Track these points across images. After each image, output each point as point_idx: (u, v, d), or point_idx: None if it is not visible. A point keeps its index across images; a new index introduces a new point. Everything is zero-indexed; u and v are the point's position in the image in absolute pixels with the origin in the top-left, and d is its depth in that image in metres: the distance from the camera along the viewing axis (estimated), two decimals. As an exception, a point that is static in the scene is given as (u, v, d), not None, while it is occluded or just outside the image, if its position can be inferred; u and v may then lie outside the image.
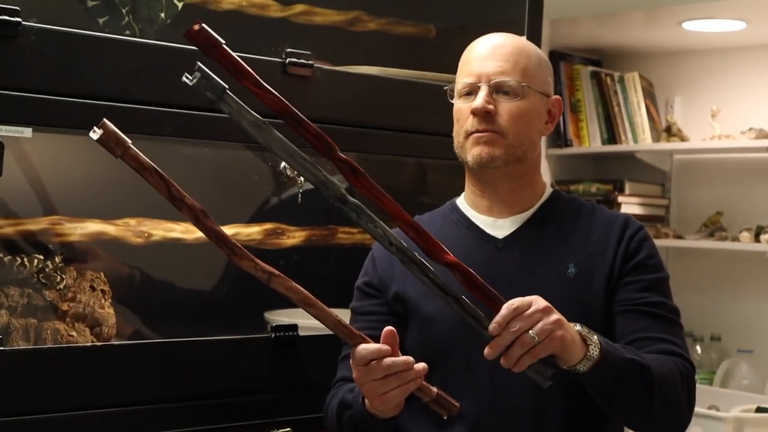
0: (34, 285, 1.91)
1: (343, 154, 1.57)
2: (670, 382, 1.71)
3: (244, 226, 2.26)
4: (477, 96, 1.80)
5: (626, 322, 1.78)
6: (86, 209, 2.03)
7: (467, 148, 1.82)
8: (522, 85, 1.80)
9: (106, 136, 1.45)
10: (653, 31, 4.08)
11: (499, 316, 1.58)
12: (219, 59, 1.48)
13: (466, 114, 1.81)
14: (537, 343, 1.57)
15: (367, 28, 2.54)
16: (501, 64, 1.81)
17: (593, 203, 1.92)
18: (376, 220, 1.58)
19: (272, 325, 2.08)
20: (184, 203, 1.50)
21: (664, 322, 1.79)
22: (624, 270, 1.81)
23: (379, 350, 1.59)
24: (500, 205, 1.87)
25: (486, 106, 1.79)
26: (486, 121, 1.79)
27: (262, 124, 1.51)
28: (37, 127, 1.80)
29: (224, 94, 1.48)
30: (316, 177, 1.55)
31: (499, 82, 1.80)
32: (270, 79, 2.03)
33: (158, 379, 1.92)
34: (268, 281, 1.56)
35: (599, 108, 4.30)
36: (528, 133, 1.82)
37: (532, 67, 1.83)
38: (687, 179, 4.32)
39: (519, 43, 1.86)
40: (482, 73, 1.81)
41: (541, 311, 1.59)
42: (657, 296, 1.81)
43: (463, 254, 1.82)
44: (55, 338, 1.88)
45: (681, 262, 4.27)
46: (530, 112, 1.82)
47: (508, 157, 1.80)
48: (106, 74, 1.86)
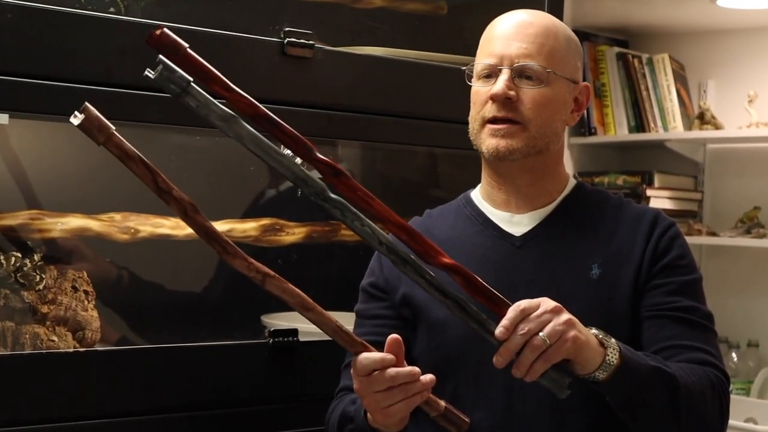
0: (12, 285, 1.91)
1: (322, 156, 1.56)
2: (699, 392, 1.70)
3: (239, 222, 2.26)
4: (497, 80, 1.79)
5: (654, 328, 1.78)
6: (68, 203, 2.04)
7: (483, 137, 1.81)
8: (547, 70, 1.78)
9: (87, 121, 1.46)
10: (685, 9, 4.07)
11: (506, 319, 1.57)
12: (184, 63, 1.49)
13: (484, 98, 1.80)
14: (549, 346, 1.56)
15: (373, 4, 2.54)
16: (526, 46, 1.79)
17: (620, 197, 1.91)
18: (362, 218, 1.57)
19: (270, 329, 2.08)
20: (172, 196, 1.50)
21: (696, 328, 1.78)
22: (652, 272, 1.80)
23: (382, 360, 1.59)
24: (518, 199, 1.86)
25: (507, 92, 1.78)
26: (506, 108, 1.78)
27: (230, 117, 1.52)
28: (14, 113, 1.80)
29: (189, 86, 1.49)
30: (293, 173, 1.55)
31: (523, 66, 1.79)
32: (267, 61, 2.06)
33: (146, 388, 1.92)
34: (263, 282, 1.56)
35: (626, 93, 4.29)
36: (551, 123, 1.81)
37: (560, 50, 1.81)
38: (721, 171, 4.31)
39: (547, 22, 1.84)
40: (505, 54, 1.80)
41: (550, 312, 1.58)
42: (688, 300, 1.80)
43: (477, 253, 1.83)
44: (35, 343, 1.88)
45: (715, 261, 4.26)
46: (555, 100, 1.81)
47: (529, 149, 1.79)
48: (88, 55, 1.86)
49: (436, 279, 1.61)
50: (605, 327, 1.67)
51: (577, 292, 1.76)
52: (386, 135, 2.29)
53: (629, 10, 4.18)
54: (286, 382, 2.08)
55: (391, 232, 1.62)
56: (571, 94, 1.84)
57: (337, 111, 2.17)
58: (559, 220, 1.85)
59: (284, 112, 2.00)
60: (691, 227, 4.13)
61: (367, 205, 1.59)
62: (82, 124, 1.46)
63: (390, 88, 2.27)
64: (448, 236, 1.87)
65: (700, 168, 4.33)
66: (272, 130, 1.54)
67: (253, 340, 2.10)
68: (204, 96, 1.50)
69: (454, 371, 1.79)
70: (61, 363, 1.84)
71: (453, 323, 1.76)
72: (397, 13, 2.59)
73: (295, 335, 2.08)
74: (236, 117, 1.52)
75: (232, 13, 2.27)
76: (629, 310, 1.78)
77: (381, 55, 2.30)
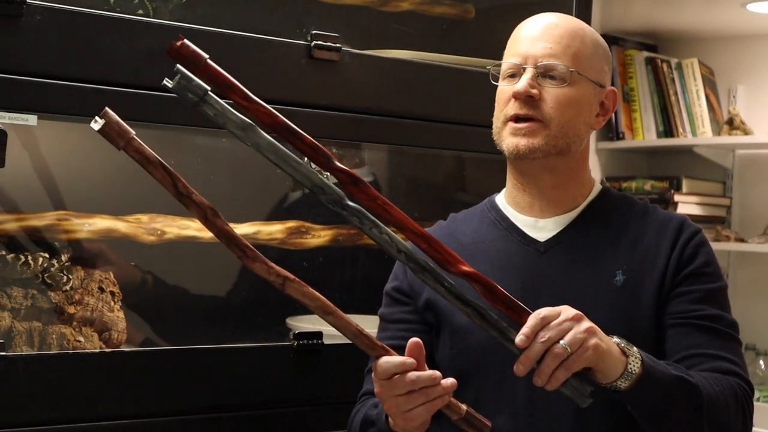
0: (39, 286, 1.92)
1: (342, 165, 1.57)
2: (722, 403, 1.69)
3: (264, 224, 2.26)
4: (521, 78, 1.80)
5: (678, 336, 1.77)
6: (95, 204, 2.05)
7: (504, 136, 1.81)
8: (571, 70, 1.79)
9: (108, 126, 1.47)
10: (714, 13, 4.05)
11: (527, 327, 1.57)
12: (204, 74, 1.50)
13: (507, 97, 1.81)
14: (570, 354, 1.55)
15: (400, 8, 2.54)
16: (551, 46, 1.80)
17: (646, 203, 1.90)
18: (380, 226, 1.57)
19: (295, 332, 2.09)
20: (192, 200, 1.51)
21: (721, 337, 1.77)
22: (677, 279, 1.79)
23: (402, 363, 1.58)
24: (543, 202, 1.85)
25: (529, 90, 1.78)
26: (528, 106, 1.78)
27: (248, 125, 1.52)
28: (42, 115, 1.81)
29: (206, 95, 1.49)
30: (311, 181, 1.55)
31: (547, 65, 1.79)
32: (294, 64, 2.06)
33: (171, 389, 1.93)
34: (282, 286, 1.56)
35: (654, 97, 4.28)
36: (574, 123, 1.81)
37: (585, 52, 1.82)
38: (750, 176, 4.29)
39: (574, 25, 1.84)
40: (529, 54, 1.80)
41: (571, 319, 1.57)
42: (713, 309, 1.78)
43: (501, 258, 1.82)
44: (61, 343, 1.89)
45: (743, 267, 4.23)
46: (579, 101, 1.81)
47: (549, 148, 1.79)
48: (116, 57, 1.87)
49: (455, 287, 1.60)
50: (629, 334, 1.67)
51: (601, 299, 1.76)
52: (413, 138, 2.29)
53: (658, 15, 4.17)
54: (310, 385, 2.08)
55: (410, 240, 1.62)
56: (596, 98, 1.84)
57: (364, 114, 2.17)
58: (584, 226, 1.84)
59: (311, 116, 2.01)
60: (720, 233, 4.11)
61: (386, 213, 1.59)
62: (102, 129, 1.47)
63: (417, 91, 2.27)
64: (472, 240, 1.87)
65: (729, 174, 4.31)
66: (291, 139, 1.55)
67: (277, 342, 2.10)
68: (221, 104, 1.51)
69: (476, 376, 1.79)
70: (87, 363, 1.85)
71: (476, 329, 1.75)
72: (425, 16, 2.59)
73: (320, 338, 2.08)
74: (253, 125, 1.52)
75: (259, 15, 2.28)
76: (653, 317, 1.77)
77: (408, 58, 2.30)
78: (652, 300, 1.77)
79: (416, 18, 2.56)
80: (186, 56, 1.49)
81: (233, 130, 1.52)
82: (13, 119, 1.77)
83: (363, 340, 1.61)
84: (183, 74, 1.48)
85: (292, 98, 2.01)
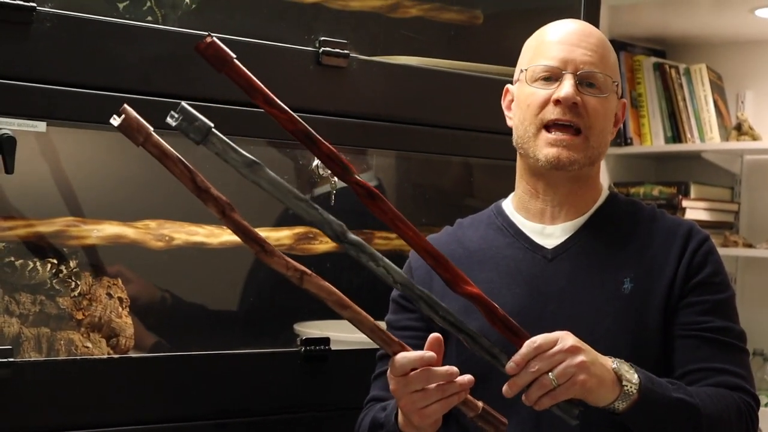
0: (47, 291, 1.93)
1: (360, 177, 1.57)
2: (724, 421, 1.70)
3: (272, 230, 2.27)
4: (562, 83, 1.77)
5: (686, 349, 1.77)
6: (103, 210, 2.05)
7: (539, 144, 1.79)
8: (613, 82, 1.80)
9: (126, 122, 1.47)
10: (723, 19, 4.05)
11: (519, 355, 1.58)
12: (230, 75, 1.51)
13: (542, 100, 1.78)
14: (556, 386, 1.57)
15: (409, 14, 2.54)
16: (590, 54, 1.79)
17: (653, 208, 1.89)
18: (378, 258, 1.58)
19: (302, 338, 2.09)
20: (210, 195, 1.51)
21: (728, 350, 1.77)
22: (686, 289, 1.78)
23: (421, 358, 1.58)
24: (555, 209, 1.85)
25: (575, 97, 1.76)
26: (572, 113, 1.77)
27: (252, 162, 1.53)
28: (51, 121, 1.82)
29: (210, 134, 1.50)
30: (312, 216, 1.56)
31: (588, 72, 1.78)
32: (302, 70, 2.07)
33: (179, 395, 1.93)
34: (300, 281, 1.56)
35: (663, 103, 4.28)
36: (606, 133, 1.82)
37: (614, 63, 1.83)
38: (759, 182, 4.28)
39: (602, 35, 1.85)
40: (569, 59, 1.79)
41: (565, 351, 1.58)
42: (721, 320, 1.78)
43: (508, 266, 1.82)
44: (69, 349, 1.90)
45: (751, 273, 4.23)
46: (611, 111, 1.82)
47: (586, 160, 1.79)
48: (125, 64, 1.87)
49: (450, 314, 1.62)
50: (636, 342, 1.68)
51: (609, 307, 1.76)
52: (421, 145, 2.30)
53: (666, 20, 4.17)
54: (317, 390, 2.08)
55: (420, 256, 1.63)
56: (616, 108, 1.85)
57: (372, 120, 2.17)
58: (592, 233, 1.84)
59: (319, 122, 2.01)
60: (727, 239, 4.10)
61: (397, 228, 1.60)
62: (121, 125, 1.48)
63: (425, 97, 2.27)
64: (479, 247, 1.87)
65: (737, 179, 4.31)
66: (310, 146, 1.55)
67: (285, 348, 2.10)
68: (225, 142, 1.52)
69: (482, 385, 1.78)
70: (95, 369, 1.85)
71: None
72: (433, 22, 2.59)
73: (327, 344, 2.08)
74: (259, 163, 1.53)
75: (268, 22, 2.28)
76: (661, 325, 1.77)
77: (416, 64, 2.30)
78: (659, 308, 1.77)
79: (424, 24, 2.56)
80: (214, 54, 1.49)
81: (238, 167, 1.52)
82: (22, 126, 1.78)
83: (380, 335, 1.60)
84: (186, 114, 1.49)
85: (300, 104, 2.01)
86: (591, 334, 1.72)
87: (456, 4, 2.63)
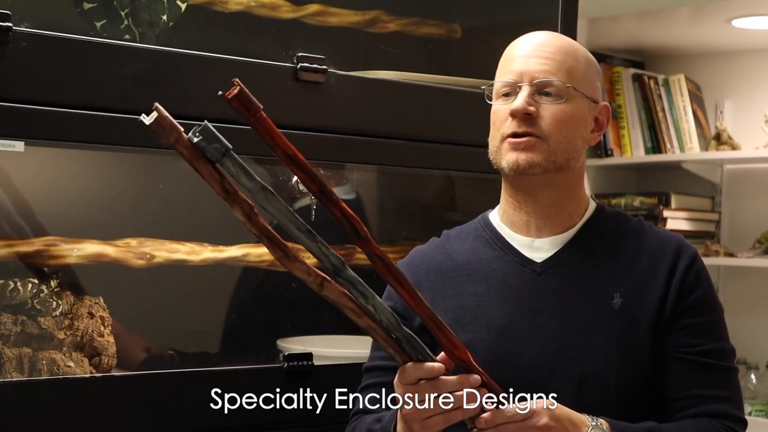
0: (28, 311, 1.92)
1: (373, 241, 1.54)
2: None
3: (254, 246, 2.27)
4: (517, 96, 1.79)
5: (680, 374, 1.77)
6: (84, 229, 2.05)
7: (503, 152, 1.80)
8: (567, 86, 1.79)
9: (159, 121, 1.43)
10: (700, 30, 4.08)
11: (490, 415, 1.59)
12: (255, 126, 1.44)
13: (504, 116, 1.80)
14: None
15: (387, 29, 2.55)
16: (545, 62, 1.79)
17: (640, 220, 1.89)
18: (369, 296, 1.56)
19: (285, 353, 2.09)
20: (238, 198, 1.48)
21: (719, 374, 1.79)
22: (679, 309, 1.78)
23: (432, 369, 1.58)
24: (539, 221, 1.84)
25: (527, 108, 1.77)
26: (526, 124, 1.78)
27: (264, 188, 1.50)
28: (29, 141, 1.81)
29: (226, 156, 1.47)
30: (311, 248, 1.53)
31: (543, 81, 1.79)
32: (280, 86, 2.07)
33: (163, 412, 1.93)
34: (321, 287, 1.54)
35: (642, 114, 4.30)
36: (571, 139, 1.80)
37: (579, 68, 1.82)
38: (739, 191, 4.30)
39: (566, 42, 1.85)
40: (524, 71, 1.80)
41: (537, 427, 1.59)
42: (713, 342, 1.79)
43: (498, 279, 1.82)
44: (51, 369, 1.89)
45: (733, 282, 4.24)
46: (575, 116, 1.80)
47: (549, 164, 1.78)
48: (103, 82, 1.87)
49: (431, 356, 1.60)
50: (626, 357, 1.70)
51: (599, 322, 1.76)
52: (400, 159, 2.30)
53: (645, 32, 4.20)
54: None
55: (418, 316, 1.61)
56: (591, 113, 1.84)
57: (351, 135, 2.18)
58: (581, 246, 1.84)
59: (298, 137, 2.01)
60: (709, 248, 4.12)
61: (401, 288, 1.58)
62: (153, 123, 1.43)
63: (404, 111, 2.28)
64: (467, 260, 1.86)
65: (718, 189, 4.33)
66: (327, 204, 1.50)
67: (268, 364, 2.10)
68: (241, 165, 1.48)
69: (474, 397, 1.79)
70: (78, 389, 1.85)
71: (472, 350, 1.73)
72: (412, 37, 2.60)
73: (310, 359, 2.08)
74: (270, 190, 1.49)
75: (246, 38, 2.29)
76: (650, 340, 1.77)
77: (394, 79, 2.30)
78: (649, 324, 1.77)
79: (402, 39, 2.57)
80: (240, 103, 1.42)
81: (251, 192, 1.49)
82: (1, 146, 1.78)
83: (392, 344, 1.59)
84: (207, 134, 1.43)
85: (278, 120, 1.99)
86: (581, 348, 1.73)
87: (434, 19, 2.64)
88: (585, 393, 1.72)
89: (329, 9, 2.43)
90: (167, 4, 2.11)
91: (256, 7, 2.32)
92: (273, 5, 2.35)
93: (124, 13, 2.06)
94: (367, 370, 1.88)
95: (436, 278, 1.86)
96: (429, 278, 1.86)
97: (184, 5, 2.14)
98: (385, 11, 2.54)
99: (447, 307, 1.80)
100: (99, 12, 2.06)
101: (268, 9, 2.34)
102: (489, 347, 1.73)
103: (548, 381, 1.72)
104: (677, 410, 1.76)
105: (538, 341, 1.75)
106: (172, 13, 2.12)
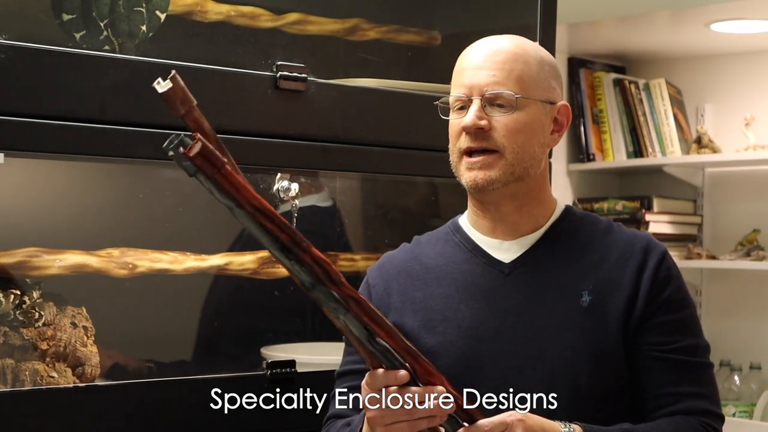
0: (11, 322, 1.92)
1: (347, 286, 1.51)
2: None
3: (237, 255, 2.27)
4: (468, 111, 1.78)
5: (655, 372, 1.78)
6: (65, 239, 2.05)
7: (461, 170, 1.80)
8: (516, 96, 1.77)
9: (174, 90, 1.38)
10: (680, 34, 4.10)
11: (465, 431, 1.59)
12: (220, 182, 1.39)
13: (459, 130, 1.79)
14: None
15: (367, 36, 2.55)
16: (494, 74, 1.78)
17: (610, 221, 1.90)
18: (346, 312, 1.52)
19: (268, 361, 2.09)
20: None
21: (695, 370, 1.80)
22: (651, 308, 1.79)
23: (395, 376, 1.57)
24: (504, 227, 1.85)
25: (477, 123, 1.77)
26: (479, 138, 1.77)
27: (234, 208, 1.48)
28: (9, 152, 1.81)
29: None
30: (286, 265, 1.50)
31: (493, 94, 1.77)
32: (260, 95, 2.07)
33: (146, 422, 1.93)
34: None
35: (623, 118, 4.32)
36: (528, 147, 1.79)
37: (530, 74, 1.80)
38: (720, 194, 4.32)
39: (516, 47, 1.82)
40: (473, 84, 1.79)
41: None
42: (688, 338, 1.80)
43: (466, 281, 1.83)
44: (35, 380, 1.89)
45: (715, 284, 4.26)
46: (530, 124, 1.79)
47: (507, 177, 1.78)
48: (83, 93, 1.87)
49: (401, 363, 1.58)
50: (596, 354, 1.70)
51: (568, 321, 1.76)
52: (381, 166, 2.30)
53: (625, 37, 4.21)
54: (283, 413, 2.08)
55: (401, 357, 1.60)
56: (548, 116, 1.83)
57: (332, 143, 2.18)
58: (548, 247, 1.84)
59: (278, 146, 2.03)
60: (691, 251, 4.14)
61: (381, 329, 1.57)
62: (167, 92, 1.38)
63: (384, 119, 2.28)
64: (436, 263, 1.87)
65: (699, 192, 4.35)
66: (300, 253, 1.47)
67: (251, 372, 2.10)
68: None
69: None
70: (61, 399, 1.84)
71: (443, 352, 1.76)
72: (391, 44, 2.61)
73: (293, 366, 2.08)
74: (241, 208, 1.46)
75: (225, 48, 2.29)
76: (620, 337, 1.77)
77: (374, 86, 2.31)
78: (619, 320, 1.77)
79: (382, 46, 2.58)
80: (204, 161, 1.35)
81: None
82: (-20, 157, 1.78)
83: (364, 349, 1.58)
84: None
85: (258, 129, 2.02)
86: (551, 347, 1.73)
87: (414, 26, 2.64)
88: (557, 392, 1.72)
89: (309, 17, 2.44)
90: (146, 14, 2.11)
91: (235, 16, 2.32)
92: (253, 15, 2.35)
93: (103, 24, 2.06)
94: (339, 375, 1.89)
95: (406, 282, 1.86)
96: (399, 282, 1.86)
97: (164, 16, 2.14)
98: (365, 19, 2.54)
99: (416, 310, 1.80)
100: (78, 23, 2.06)
101: (247, 18, 2.34)
102: (460, 348, 1.73)
103: (519, 381, 1.73)
104: (654, 409, 1.76)
105: (509, 341, 1.75)
106: (151, 23, 2.13)
